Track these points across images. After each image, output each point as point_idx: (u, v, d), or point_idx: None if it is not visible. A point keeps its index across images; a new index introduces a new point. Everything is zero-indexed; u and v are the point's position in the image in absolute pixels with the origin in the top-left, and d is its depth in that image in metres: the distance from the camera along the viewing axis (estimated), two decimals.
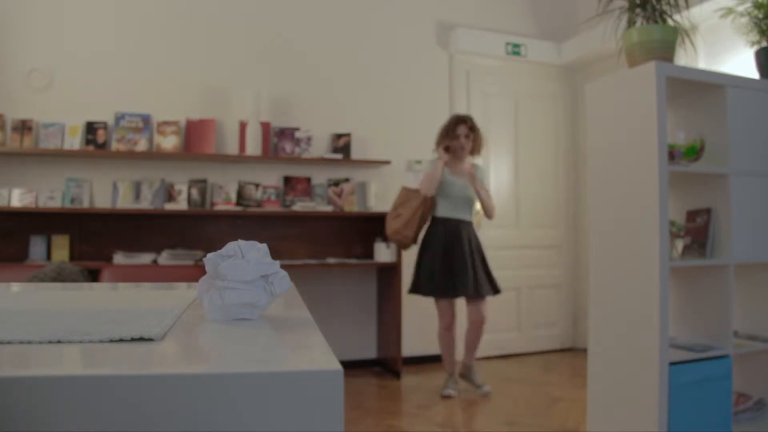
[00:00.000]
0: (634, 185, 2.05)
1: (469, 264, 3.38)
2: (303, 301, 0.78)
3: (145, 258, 3.54)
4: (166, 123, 3.73)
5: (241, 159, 3.84)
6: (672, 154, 2.05)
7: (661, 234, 1.94)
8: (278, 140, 3.96)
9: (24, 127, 3.52)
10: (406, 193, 3.56)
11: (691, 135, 2.15)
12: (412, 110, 4.36)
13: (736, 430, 2.12)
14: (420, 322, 4.18)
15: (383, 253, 3.89)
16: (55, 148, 3.53)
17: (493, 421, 3.00)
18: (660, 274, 1.93)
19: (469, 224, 3.50)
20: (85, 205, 3.58)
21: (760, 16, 2.35)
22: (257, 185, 3.89)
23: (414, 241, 3.53)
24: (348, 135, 4.05)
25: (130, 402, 0.36)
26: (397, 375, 3.85)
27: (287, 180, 3.99)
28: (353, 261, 3.92)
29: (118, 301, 0.70)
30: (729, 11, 2.44)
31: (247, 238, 0.67)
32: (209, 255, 0.61)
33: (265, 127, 3.90)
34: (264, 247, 0.62)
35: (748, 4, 2.37)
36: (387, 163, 4.15)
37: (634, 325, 2.02)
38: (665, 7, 2.11)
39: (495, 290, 3.45)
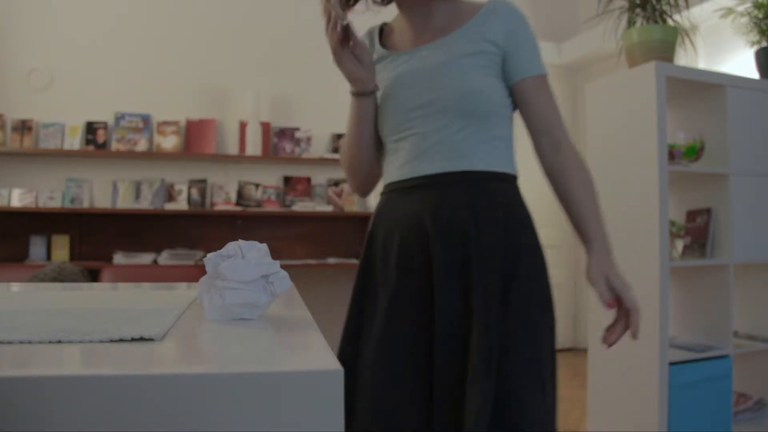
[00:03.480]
0: (634, 185, 2.05)
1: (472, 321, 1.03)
2: (303, 301, 0.78)
3: (145, 258, 3.54)
4: (166, 123, 3.73)
5: (241, 159, 3.84)
6: (672, 154, 2.05)
7: (661, 234, 1.94)
8: (278, 140, 3.96)
9: (24, 127, 3.52)
10: None
11: (691, 135, 2.15)
12: None
13: (736, 430, 2.12)
14: None
15: None
16: (55, 148, 3.53)
17: None
18: (660, 274, 1.93)
19: (471, 187, 1.11)
20: (85, 205, 3.57)
21: (760, 16, 2.35)
22: (257, 185, 3.89)
23: None
24: None
25: (130, 402, 0.36)
26: None
27: (287, 180, 3.99)
28: (353, 261, 3.92)
29: (118, 301, 0.70)
30: (729, 11, 2.44)
31: (247, 238, 0.67)
32: (209, 255, 0.61)
33: (265, 127, 3.90)
34: (264, 247, 0.62)
35: (748, 4, 2.37)
36: None
37: None
38: (665, 7, 2.11)
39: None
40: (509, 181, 1.17)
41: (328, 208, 3.89)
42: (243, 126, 3.86)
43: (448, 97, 1.11)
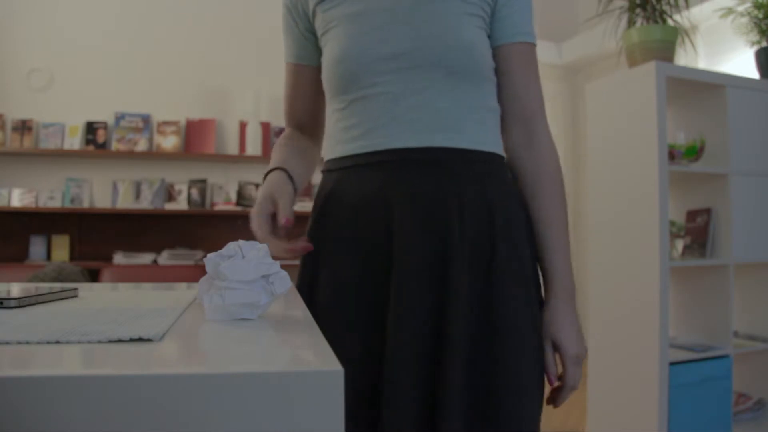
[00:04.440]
0: (634, 185, 2.05)
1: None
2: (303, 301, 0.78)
3: (145, 258, 3.54)
4: (166, 123, 3.73)
5: (241, 159, 3.84)
6: (672, 154, 2.05)
7: (661, 234, 1.94)
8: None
9: (24, 127, 3.52)
10: None
11: (691, 135, 2.15)
12: None
13: (736, 430, 2.12)
14: None
15: None
16: (55, 148, 3.53)
17: None
18: (660, 274, 1.93)
19: (457, 170, 0.89)
20: (85, 205, 3.57)
21: (760, 16, 2.35)
22: (257, 185, 3.89)
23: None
24: None
25: (130, 402, 0.36)
26: None
27: None
28: None
29: (117, 301, 0.70)
30: (729, 11, 2.44)
31: (247, 238, 0.67)
32: (209, 255, 0.61)
33: (265, 127, 3.90)
34: (264, 247, 0.62)
35: (748, 4, 2.37)
36: None
37: (634, 325, 2.02)
38: (665, 7, 2.11)
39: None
40: (500, 164, 0.93)
41: None
42: (243, 126, 3.86)
43: (433, 48, 0.86)
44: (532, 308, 0.89)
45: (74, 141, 3.57)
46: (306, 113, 1.04)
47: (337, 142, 0.93)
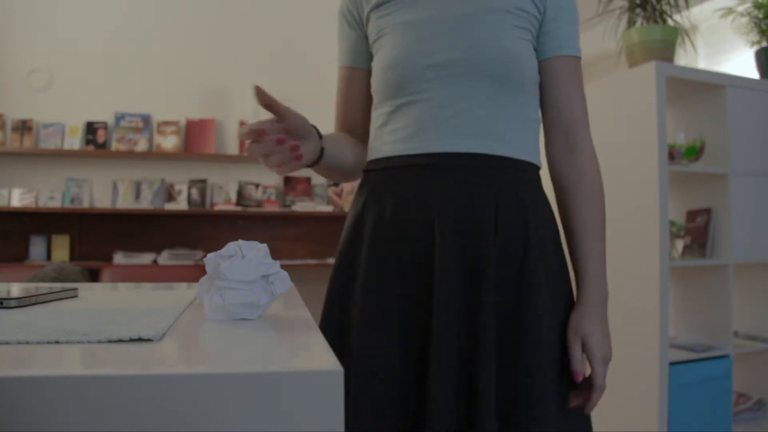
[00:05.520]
0: (634, 185, 2.05)
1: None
2: (303, 301, 0.78)
3: (145, 258, 3.54)
4: (166, 123, 3.73)
5: (241, 159, 3.84)
6: (672, 154, 2.05)
7: (661, 234, 1.94)
8: None
9: (24, 127, 3.52)
10: None
11: (691, 135, 2.15)
12: None
13: (736, 430, 2.12)
14: None
15: None
16: (55, 148, 3.53)
17: None
18: (660, 274, 1.93)
19: (495, 176, 0.91)
20: (85, 205, 3.57)
21: (760, 16, 2.35)
22: (257, 185, 3.89)
23: None
24: None
25: (130, 402, 0.36)
26: None
27: (287, 180, 3.99)
28: None
29: (117, 301, 0.70)
30: (729, 11, 2.44)
31: (247, 238, 0.67)
32: (209, 255, 0.61)
33: None
34: (264, 247, 0.62)
35: (748, 4, 2.37)
36: None
37: (634, 325, 2.02)
38: (665, 7, 2.11)
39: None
40: (535, 173, 0.97)
41: (328, 208, 3.89)
42: (243, 126, 3.85)
43: (479, 58, 0.89)
44: (558, 314, 0.93)
45: (74, 141, 3.57)
46: (356, 118, 1.07)
47: (381, 143, 0.97)
